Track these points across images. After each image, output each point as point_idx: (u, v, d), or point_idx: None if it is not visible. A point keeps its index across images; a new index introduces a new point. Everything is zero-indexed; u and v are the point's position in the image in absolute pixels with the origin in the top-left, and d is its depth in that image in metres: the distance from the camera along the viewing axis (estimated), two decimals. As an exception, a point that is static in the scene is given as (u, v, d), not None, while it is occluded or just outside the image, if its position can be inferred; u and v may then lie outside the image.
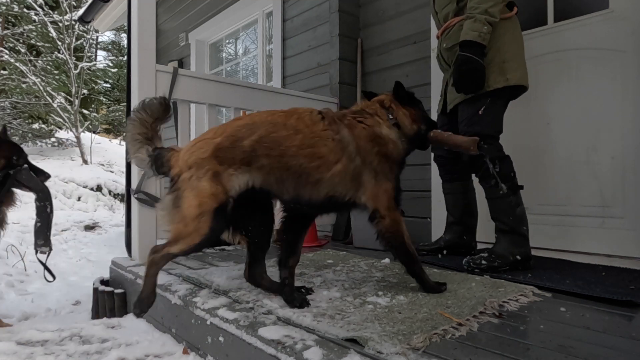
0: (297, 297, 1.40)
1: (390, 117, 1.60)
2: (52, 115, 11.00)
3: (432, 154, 2.36)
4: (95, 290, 2.06)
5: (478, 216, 2.27)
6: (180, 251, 1.39)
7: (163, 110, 1.62)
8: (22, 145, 2.06)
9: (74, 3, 10.82)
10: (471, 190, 2.26)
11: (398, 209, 1.52)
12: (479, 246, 2.42)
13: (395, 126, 1.59)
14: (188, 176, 1.41)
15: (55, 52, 11.11)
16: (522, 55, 1.97)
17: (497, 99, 1.93)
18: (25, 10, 10.85)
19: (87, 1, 6.62)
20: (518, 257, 1.87)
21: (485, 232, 2.66)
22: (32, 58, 10.96)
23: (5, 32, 11.32)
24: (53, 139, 11.27)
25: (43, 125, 11.74)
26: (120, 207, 7.55)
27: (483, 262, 1.87)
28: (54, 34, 10.49)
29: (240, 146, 1.42)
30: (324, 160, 1.41)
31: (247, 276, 1.59)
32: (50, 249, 1.91)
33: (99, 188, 7.85)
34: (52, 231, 5.13)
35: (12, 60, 10.19)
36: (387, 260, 2.13)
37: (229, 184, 1.38)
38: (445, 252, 2.24)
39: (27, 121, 11.53)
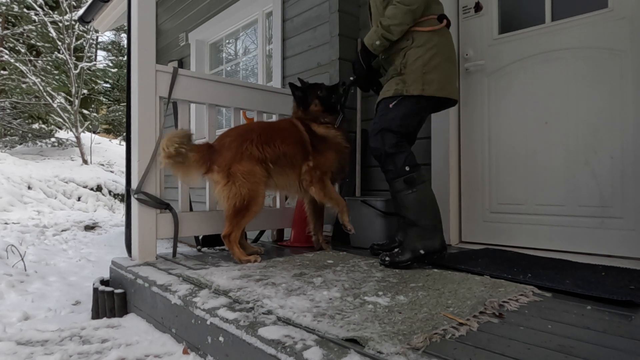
0: None
1: None
2: (52, 115, 11.01)
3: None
4: (95, 290, 2.06)
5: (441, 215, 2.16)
6: None
7: None
8: (22, 146, 2.07)
9: (74, 3, 10.82)
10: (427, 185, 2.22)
11: None
12: (474, 247, 2.42)
13: None
14: None
15: (55, 52, 11.12)
16: (446, 68, 2.02)
17: (409, 101, 1.99)
18: (25, 10, 10.86)
19: (87, 1, 6.63)
20: (421, 251, 1.91)
21: (483, 233, 2.67)
22: (32, 58, 10.97)
23: (5, 32, 11.32)
24: (53, 139, 11.28)
25: (43, 125, 11.75)
26: (120, 207, 7.56)
27: (387, 258, 1.95)
28: (54, 34, 10.50)
29: None
30: None
31: None
32: None
33: (99, 188, 7.85)
34: (52, 231, 5.12)
35: (12, 60, 10.20)
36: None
37: None
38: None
39: (27, 121, 11.54)
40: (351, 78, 2.38)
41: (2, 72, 10.78)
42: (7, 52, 10.46)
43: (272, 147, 2.22)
